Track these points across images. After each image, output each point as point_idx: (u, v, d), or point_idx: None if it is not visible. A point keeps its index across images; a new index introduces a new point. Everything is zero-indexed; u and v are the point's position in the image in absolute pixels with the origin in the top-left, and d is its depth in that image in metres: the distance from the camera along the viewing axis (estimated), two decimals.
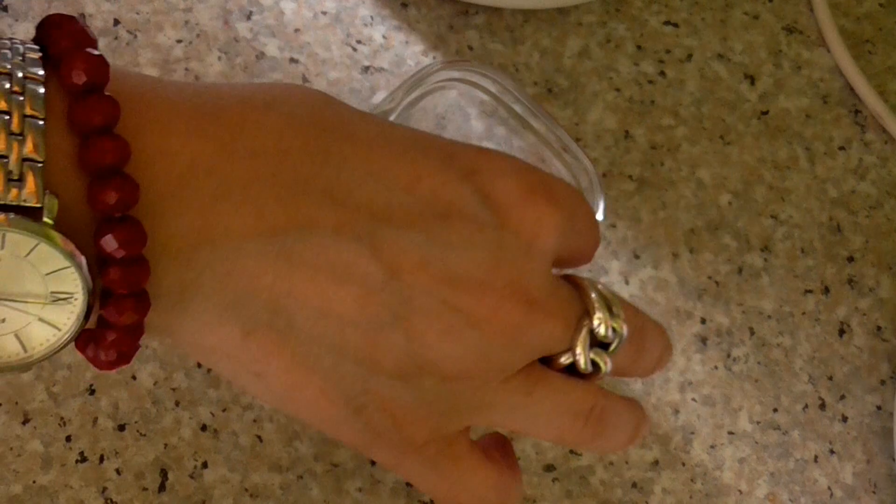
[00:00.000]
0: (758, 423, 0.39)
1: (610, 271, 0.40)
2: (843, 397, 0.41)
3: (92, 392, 0.34)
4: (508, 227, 0.27)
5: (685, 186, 0.43)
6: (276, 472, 0.35)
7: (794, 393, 0.40)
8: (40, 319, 0.22)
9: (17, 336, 0.22)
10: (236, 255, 0.24)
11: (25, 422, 0.33)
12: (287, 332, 0.25)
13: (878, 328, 0.42)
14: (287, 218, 0.24)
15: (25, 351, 0.23)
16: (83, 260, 0.21)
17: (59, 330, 0.23)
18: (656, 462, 0.38)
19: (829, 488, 0.39)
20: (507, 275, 0.27)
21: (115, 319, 0.22)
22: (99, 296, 0.23)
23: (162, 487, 0.34)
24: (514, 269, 0.27)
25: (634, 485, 0.37)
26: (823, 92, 0.46)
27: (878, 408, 0.41)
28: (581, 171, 0.34)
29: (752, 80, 0.46)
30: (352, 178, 0.25)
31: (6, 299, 0.22)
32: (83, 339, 0.23)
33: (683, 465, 0.38)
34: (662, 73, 0.45)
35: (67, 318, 0.22)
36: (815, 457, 0.39)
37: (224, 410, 0.35)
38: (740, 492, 0.38)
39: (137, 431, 0.34)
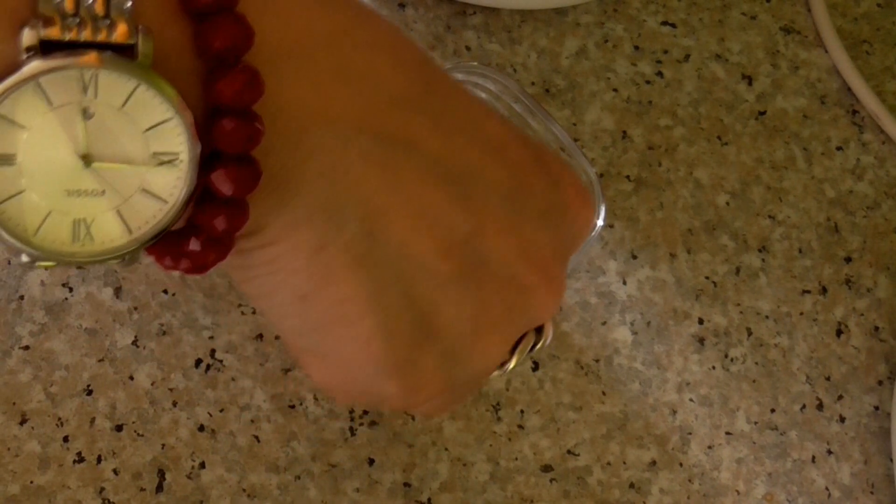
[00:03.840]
0: (755, 423, 0.39)
1: (607, 271, 0.40)
2: (840, 398, 0.41)
3: (89, 392, 0.34)
4: (568, 217, 0.27)
5: (683, 187, 0.43)
6: (274, 473, 0.34)
7: (792, 393, 0.40)
8: (143, 190, 0.20)
9: (119, 213, 0.20)
10: (345, 147, 0.22)
11: (23, 422, 0.33)
12: (363, 259, 0.23)
13: (876, 328, 0.42)
14: (398, 127, 0.22)
15: (130, 232, 0.20)
16: (187, 110, 0.19)
17: (165, 202, 0.20)
18: (654, 462, 0.38)
19: (827, 489, 0.39)
20: (560, 262, 0.27)
21: (224, 188, 0.20)
22: (202, 163, 0.20)
23: (159, 488, 0.34)
24: (564, 259, 0.27)
25: (632, 485, 0.37)
26: (821, 92, 0.46)
27: (876, 408, 0.41)
28: (580, 171, 0.34)
29: (749, 80, 0.46)
30: (454, 116, 0.24)
31: (105, 163, 0.19)
32: (161, 244, 0.21)
33: (681, 465, 0.38)
34: (660, 74, 0.45)
35: (173, 185, 0.20)
36: (813, 457, 0.39)
37: (221, 411, 0.35)
38: (738, 492, 0.38)
39: (135, 432, 0.34)
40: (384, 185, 0.22)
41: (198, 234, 0.21)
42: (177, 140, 0.20)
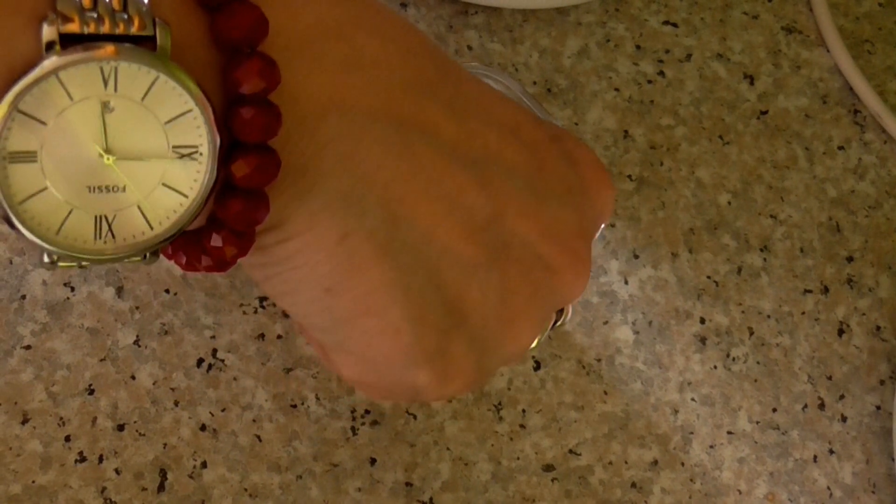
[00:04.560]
0: (757, 422, 0.39)
1: (609, 271, 0.40)
2: (842, 397, 0.41)
3: (91, 392, 0.34)
4: (589, 196, 0.27)
5: (684, 186, 0.43)
6: (276, 472, 0.34)
7: (794, 393, 0.40)
8: (163, 184, 0.20)
9: (140, 208, 0.20)
10: (362, 133, 0.22)
11: (24, 422, 0.33)
12: (387, 246, 0.22)
13: (878, 328, 0.42)
14: (413, 113, 0.23)
15: (151, 228, 0.20)
16: (206, 101, 0.19)
17: (186, 196, 0.20)
18: (655, 462, 0.38)
19: (829, 488, 0.39)
20: (584, 242, 0.27)
21: (242, 175, 0.20)
22: (223, 155, 0.20)
23: (161, 487, 0.34)
24: (588, 239, 0.27)
25: (634, 484, 0.37)
26: (823, 92, 0.46)
27: (878, 408, 0.41)
28: None
29: (751, 79, 0.46)
30: (467, 101, 0.24)
31: (125, 159, 0.19)
32: (181, 241, 0.21)
33: (682, 464, 0.38)
34: (662, 73, 0.45)
35: (194, 178, 0.20)
36: (815, 457, 0.39)
37: (223, 410, 0.35)
38: (739, 491, 0.38)
39: (136, 431, 0.34)
40: (403, 171, 0.22)
41: (219, 228, 0.21)
42: (196, 132, 0.20)
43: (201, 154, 0.20)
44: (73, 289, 0.35)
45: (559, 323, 0.29)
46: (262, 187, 0.21)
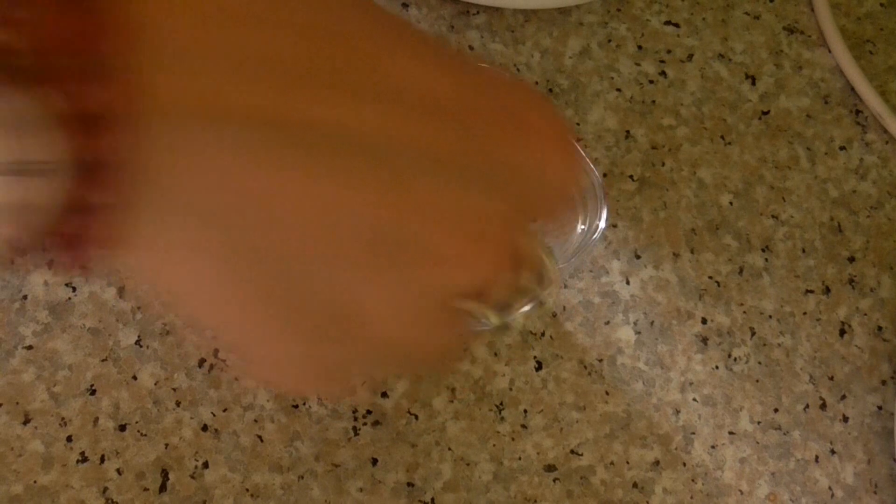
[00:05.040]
0: (758, 423, 0.39)
1: (611, 271, 0.40)
2: (843, 397, 0.41)
3: (93, 392, 0.34)
4: (532, 170, 0.24)
5: (686, 186, 0.43)
6: (277, 473, 0.34)
7: (795, 393, 0.40)
8: None
9: None
10: (233, 142, 0.20)
11: (26, 422, 0.33)
12: (254, 263, 0.21)
13: (879, 328, 0.42)
14: (283, 110, 0.20)
15: None
16: None
17: None
18: (657, 462, 0.38)
19: (830, 488, 0.39)
20: (505, 227, 0.24)
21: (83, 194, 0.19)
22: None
23: (163, 487, 0.34)
24: (520, 219, 0.24)
25: (635, 485, 0.37)
26: (824, 92, 0.46)
27: (879, 408, 0.41)
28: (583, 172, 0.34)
29: (752, 80, 0.46)
30: (386, 83, 0.21)
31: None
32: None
33: (684, 465, 0.38)
34: (663, 73, 0.45)
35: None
36: (816, 457, 0.39)
37: (225, 410, 0.35)
38: (741, 492, 0.38)
39: (138, 431, 0.34)
40: (278, 183, 0.20)
41: (60, 242, 0.19)
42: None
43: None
44: (74, 289, 0.35)
45: (541, 301, 0.26)
46: (106, 205, 0.19)
